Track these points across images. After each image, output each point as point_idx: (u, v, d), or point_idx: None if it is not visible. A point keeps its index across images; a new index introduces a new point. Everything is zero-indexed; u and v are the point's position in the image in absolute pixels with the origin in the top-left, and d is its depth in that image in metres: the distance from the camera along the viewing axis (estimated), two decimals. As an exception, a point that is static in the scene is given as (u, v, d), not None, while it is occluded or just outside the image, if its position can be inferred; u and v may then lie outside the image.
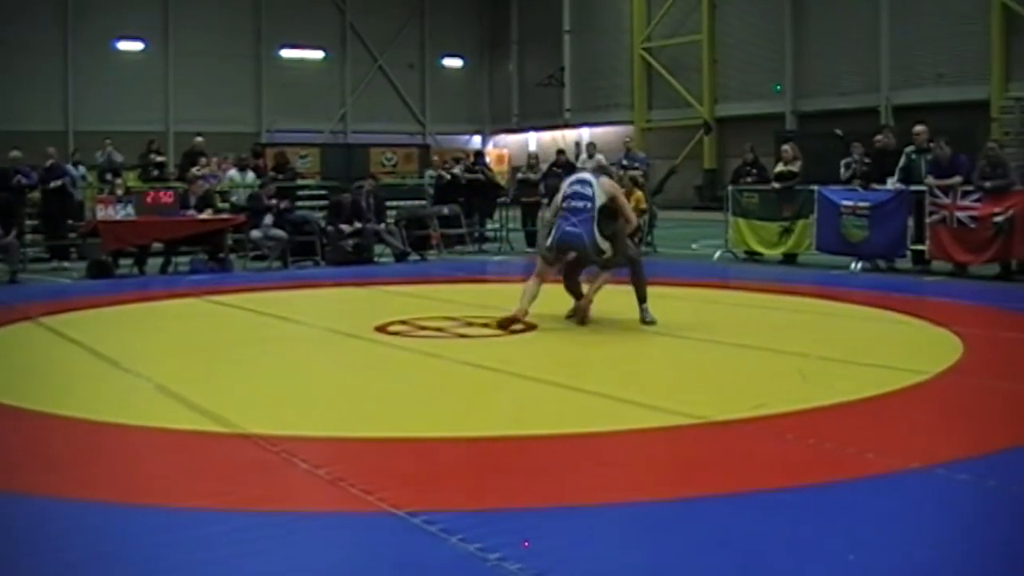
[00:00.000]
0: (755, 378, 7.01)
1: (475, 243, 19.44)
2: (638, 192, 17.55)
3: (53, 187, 16.98)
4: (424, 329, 9.10)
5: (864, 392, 6.31)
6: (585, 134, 35.56)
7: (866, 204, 14.24)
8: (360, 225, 16.11)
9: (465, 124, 45.33)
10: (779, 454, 5.11)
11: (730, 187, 16.91)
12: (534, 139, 42.69)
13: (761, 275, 13.83)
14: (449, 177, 19.67)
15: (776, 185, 15.93)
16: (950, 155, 13.56)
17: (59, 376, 7.46)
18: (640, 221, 17.15)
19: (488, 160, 23.20)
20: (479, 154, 23.35)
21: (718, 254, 16.68)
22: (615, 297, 9.50)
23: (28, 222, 16.99)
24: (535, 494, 4.53)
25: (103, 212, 14.84)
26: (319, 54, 41.65)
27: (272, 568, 3.71)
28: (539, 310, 9.06)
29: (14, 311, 10.58)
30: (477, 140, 45.12)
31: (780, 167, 16.11)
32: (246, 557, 3.77)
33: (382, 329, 9.09)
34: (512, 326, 8.87)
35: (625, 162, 18.58)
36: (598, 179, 9.19)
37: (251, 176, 18.76)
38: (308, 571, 3.70)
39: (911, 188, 13.87)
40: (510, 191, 21.48)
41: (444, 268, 15.82)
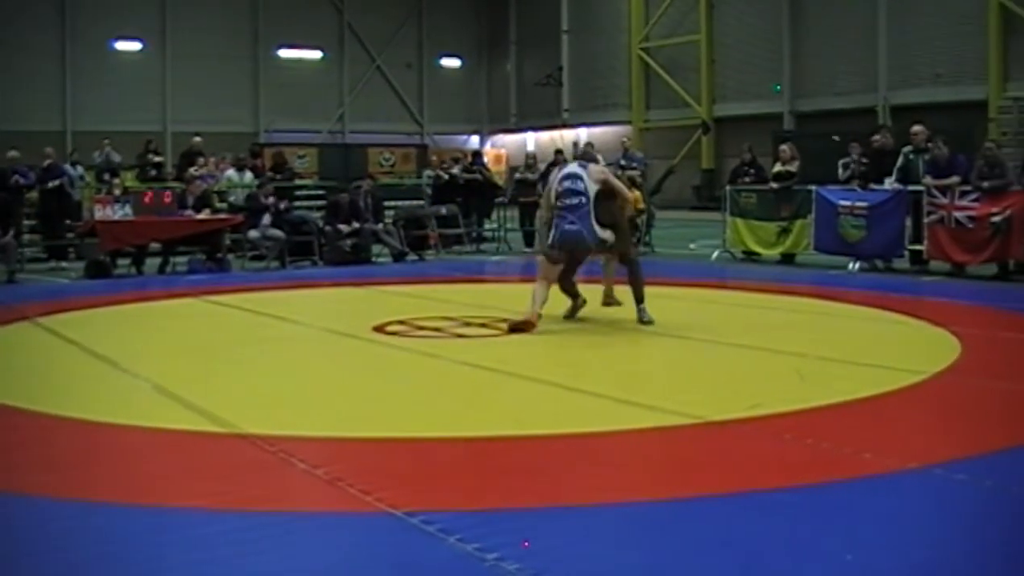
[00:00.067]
0: (753, 378, 7.01)
1: (473, 243, 19.45)
2: (636, 192, 17.56)
3: (51, 187, 16.97)
4: (422, 329, 9.10)
5: (862, 392, 6.30)
6: (583, 134, 35.57)
7: (864, 204, 14.25)
8: (358, 225, 16.11)
9: (463, 124, 45.34)
10: (776, 454, 5.11)
11: (728, 187, 16.92)
12: (532, 139, 42.69)
13: (759, 275, 13.84)
14: (447, 177, 19.67)
15: (774, 185, 15.94)
16: (948, 155, 13.57)
17: (57, 376, 7.45)
18: (638, 221, 17.26)
19: (486, 160, 23.20)
20: (477, 154, 23.36)
21: (716, 254, 16.68)
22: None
23: (26, 222, 16.98)
24: (533, 494, 4.53)
25: (101, 212, 14.84)
26: (317, 54, 41.65)
27: (271, 568, 3.71)
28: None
29: (12, 311, 10.57)
30: (475, 140, 45.12)
31: (778, 167, 16.12)
32: (245, 557, 3.77)
33: (380, 329, 9.09)
34: (523, 330, 8.77)
35: (623, 162, 18.58)
36: (586, 169, 9.13)
37: (249, 176, 18.75)
38: (306, 571, 3.70)
39: (909, 188, 13.88)
40: (508, 191, 21.50)
41: (442, 268, 15.82)
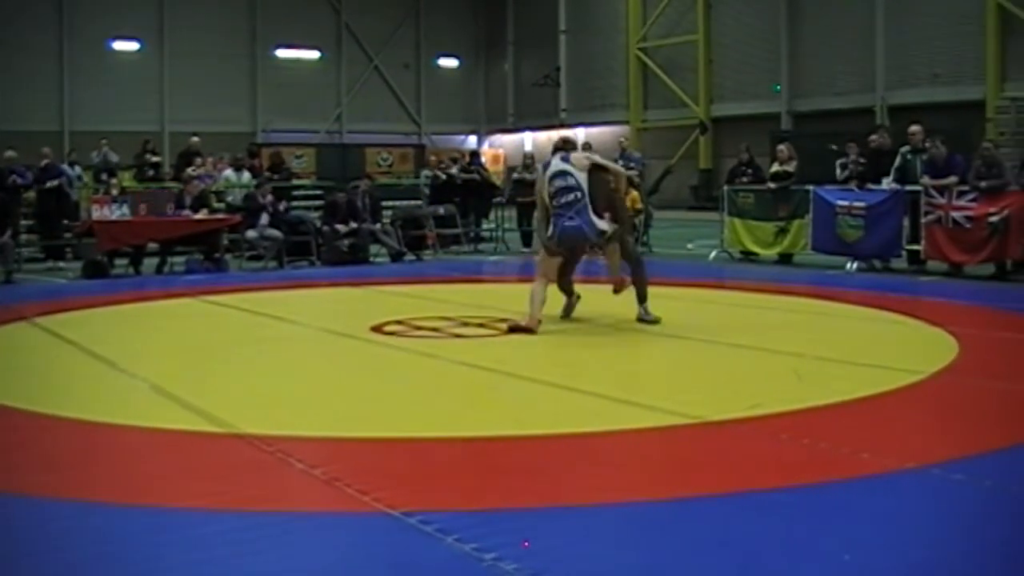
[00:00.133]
0: (750, 378, 7.02)
1: (471, 243, 19.45)
2: (634, 192, 17.59)
3: (50, 187, 16.95)
4: (420, 329, 9.10)
5: (859, 392, 6.30)
6: (581, 134, 35.55)
7: (861, 204, 14.25)
8: (356, 225, 16.10)
9: (461, 124, 45.33)
10: (774, 454, 5.11)
11: (726, 187, 16.91)
12: (530, 139, 42.68)
13: (757, 275, 13.84)
14: (445, 177, 19.66)
15: (772, 185, 15.93)
16: (946, 155, 13.56)
17: (55, 376, 7.45)
18: (636, 221, 17.27)
19: (484, 160, 23.19)
20: (475, 154, 23.35)
21: (714, 254, 16.69)
22: (611, 297, 9.50)
23: (23, 222, 16.97)
24: (531, 494, 4.53)
25: (98, 212, 14.84)
26: (315, 54, 41.64)
27: (269, 568, 3.71)
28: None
29: (9, 311, 10.56)
30: (473, 140, 45.11)
31: (776, 167, 16.13)
32: (243, 557, 3.77)
33: (378, 329, 9.08)
34: (519, 329, 8.74)
35: (621, 162, 18.57)
36: (569, 161, 9.01)
37: (247, 176, 18.75)
38: (305, 571, 3.70)
39: (906, 188, 13.89)
40: (506, 191, 21.46)
41: (440, 268, 15.82)
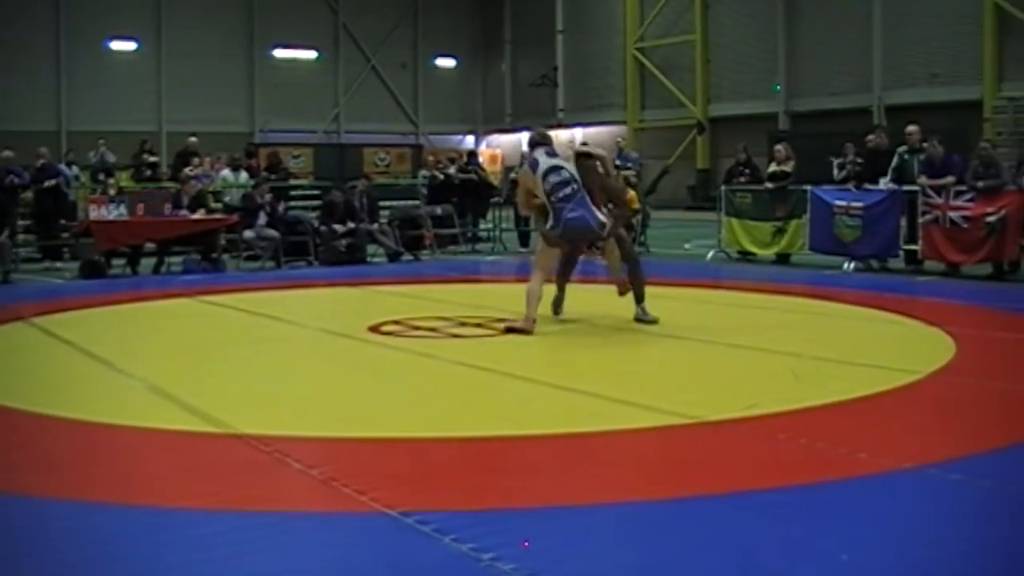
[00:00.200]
0: (748, 378, 7.02)
1: (468, 243, 19.45)
2: (631, 192, 17.59)
3: (47, 186, 16.96)
4: (417, 329, 9.10)
5: (857, 392, 6.31)
6: (578, 134, 35.54)
7: (859, 204, 14.25)
8: (353, 225, 16.10)
9: (458, 124, 45.31)
10: (772, 454, 5.12)
11: (723, 187, 16.92)
12: (527, 139, 42.60)
13: (754, 275, 13.85)
14: (442, 177, 19.66)
15: (769, 185, 15.94)
16: (943, 155, 13.57)
17: (52, 377, 7.43)
18: (634, 221, 17.27)
19: (481, 160, 23.19)
20: (472, 154, 23.33)
21: (711, 254, 16.69)
22: (608, 297, 9.50)
23: (21, 222, 16.96)
24: (529, 494, 4.53)
25: (96, 212, 14.82)
26: (312, 54, 41.62)
27: (268, 568, 3.71)
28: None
29: (7, 311, 10.55)
30: (470, 140, 45.08)
31: (773, 167, 16.13)
32: (242, 557, 3.78)
33: (375, 329, 9.08)
34: (517, 330, 8.71)
35: (618, 162, 18.56)
36: (557, 156, 9.00)
37: (244, 176, 18.73)
38: (304, 571, 3.70)
39: (904, 188, 13.90)
40: (503, 191, 21.44)
41: (437, 268, 15.82)
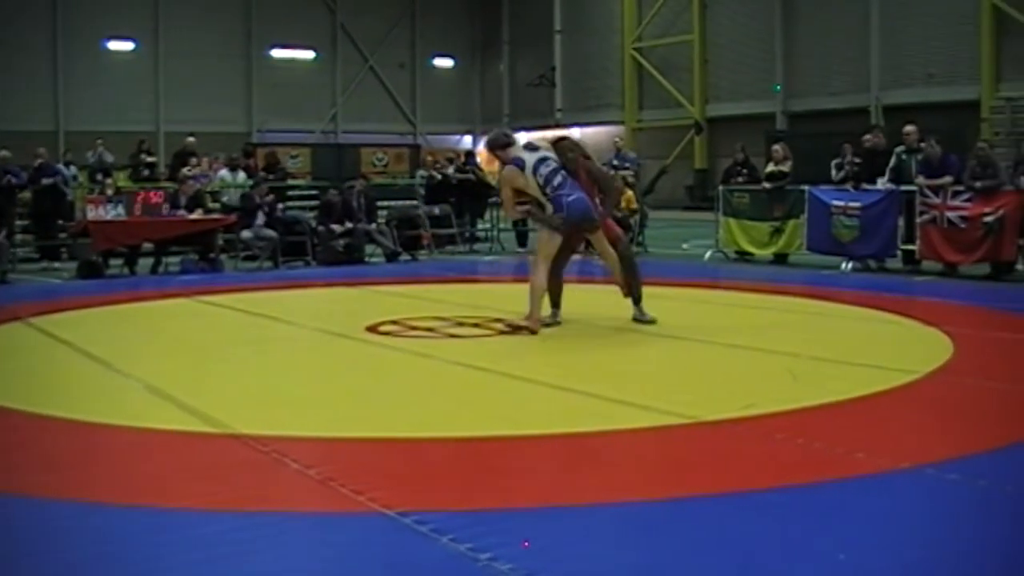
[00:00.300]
0: (745, 378, 7.02)
1: (466, 243, 19.45)
2: (629, 192, 17.61)
3: (45, 185, 16.95)
4: (415, 329, 9.10)
5: (854, 392, 6.31)
6: (576, 134, 35.54)
7: (857, 204, 14.26)
8: (351, 225, 16.09)
9: (456, 124, 45.30)
10: (769, 454, 5.12)
11: (721, 187, 16.91)
12: (525, 139, 42.60)
13: (752, 275, 13.85)
14: (440, 177, 19.65)
15: (767, 185, 15.95)
16: (940, 155, 13.58)
17: (50, 377, 7.43)
18: (631, 221, 17.29)
19: (479, 160, 23.15)
20: (470, 154, 23.31)
21: (709, 254, 16.69)
22: (606, 297, 9.51)
23: (18, 222, 16.96)
24: (526, 494, 4.53)
25: (93, 212, 14.82)
26: (310, 54, 41.62)
27: (267, 568, 3.72)
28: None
29: (4, 312, 10.54)
30: (468, 140, 45.06)
31: (771, 167, 16.13)
32: (242, 557, 3.78)
33: (373, 329, 9.08)
34: (523, 329, 8.69)
35: (616, 162, 18.59)
36: (536, 149, 9.01)
37: (242, 176, 18.72)
38: (302, 571, 3.71)
39: (901, 188, 13.90)
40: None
41: (435, 268, 15.82)
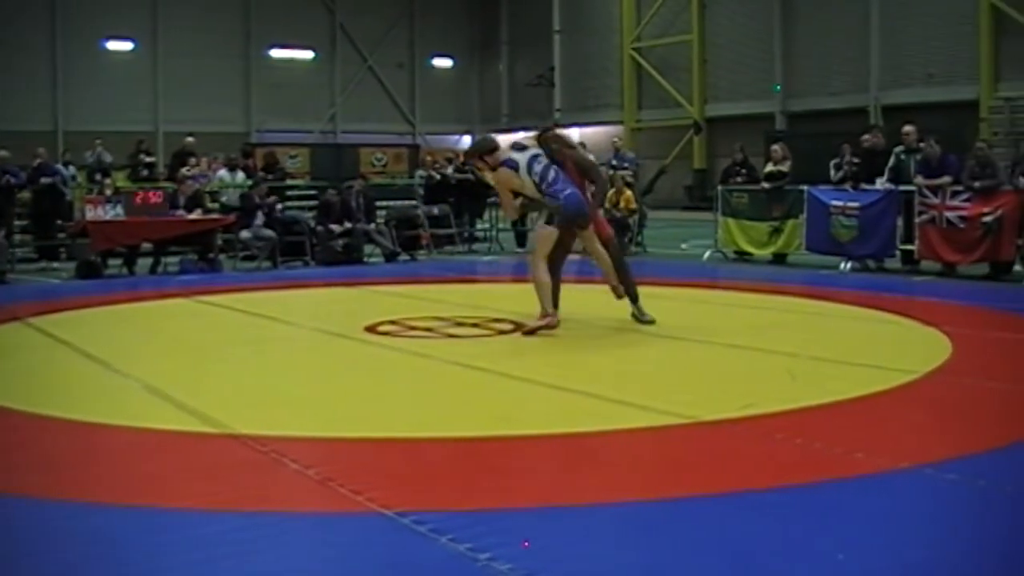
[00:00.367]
0: (744, 378, 7.02)
1: (465, 243, 19.44)
2: (627, 192, 17.61)
3: (44, 185, 16.94)
4: (414, 329, 9.10)
5: (853, 392, 6.31)
6: (575, 134, 35.52)
7: (855, 204, 14.26)
8: (350, 225, 16.09)
9: (455, 124, 45.31)
10: (768, 454, 5.12)
11: (720, 187, 16.91)
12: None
13: (751, 275, 13.85)
14: (439, 177, 19.64)
15: (766, 185, 15.95)
16: (939, 155, 13.58)
17: (49, 377, 7.42)
18: (630, 221, 17.29)
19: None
20: (469, 154, 23.31)
21: (708, 254, 16.69)
22: (605, 297, 9.49)
23: (17, 222, 16.95)
24: (525, 494, 4.53)
25: (92, 212, 14.81)
26: (309, 54, 41.61)
27: (268, 568, 3.72)
28: (528, 309, 9.05)
29: (3, 312, 10.53)
30: (467, 140, 45.04)
31: (770, 167, 16.13)
32: (242, 557, 3.78)
33: (372, 329, 9.08)
34: (542, 329, 8.65)
35: (614, 162, 18.61)
36: (524, 148, 8.98)
37: (241, 176, 18.71)
38: (301, 571, 3.71)
39: (900, 188, 13.90)
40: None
41: (434, 268, 15.82)
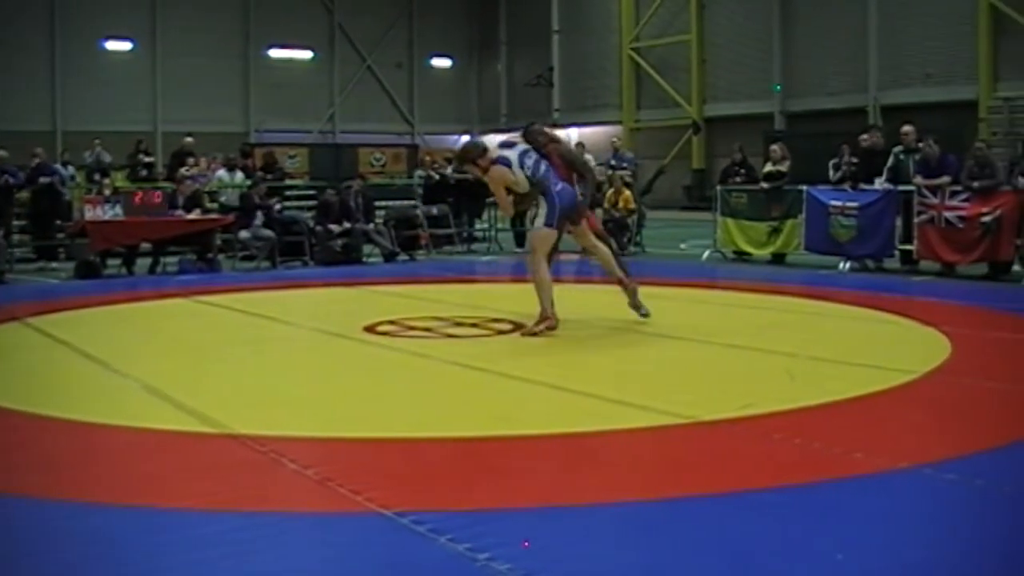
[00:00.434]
0: (743, 378, 7.02)
1: (464, 243, 19.44)
2: (626, 192, 17.62)
3: (42, 184, 16.94)
4: (413, 329, 9.10)
5: (852, 392, 6.31)
6: (574, 134, 35.53)
7: (854, 204, 14.26)
8: (349, 225, 16.09)
9: (454, 124, 45.28)
10: (767, 454, 5.12)
11: (719, 187, 16.92)
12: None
13: (750, 275, 13.85)
14: (438, 177, 19.64)
15: (764, 185, 15.95)
16: (938, 155, 13.59)
17: (48, 377, 7.42)
18: (629, 221, 17.30)
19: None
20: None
21: (707, 254, 16.69)
22: (604, 297, 9.50)
23: (16, 222, 16.95)
24: (524, 494, 4.53)
25: (91, 212, 14.80)
26: (307, 54, 41.60)
27: (267, 568, 3.72)
28: (528, 309, 9.05)
29: (2, 312, 10.52)
30: (466, 140, 45.05)
31: (768, 167, 16.14)
32: (241, 557, 3.78)
33: (371, 329, 9.07)
34: (543, 330, 8.65)
35: (613, 162, 18.62)
36: (513, 145, 9.00)
37: (240, 176, 18.72)
38: (301, 571, 3.71)
39: (899, 188, 13.91)
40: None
41: (433, 268, 15.81)
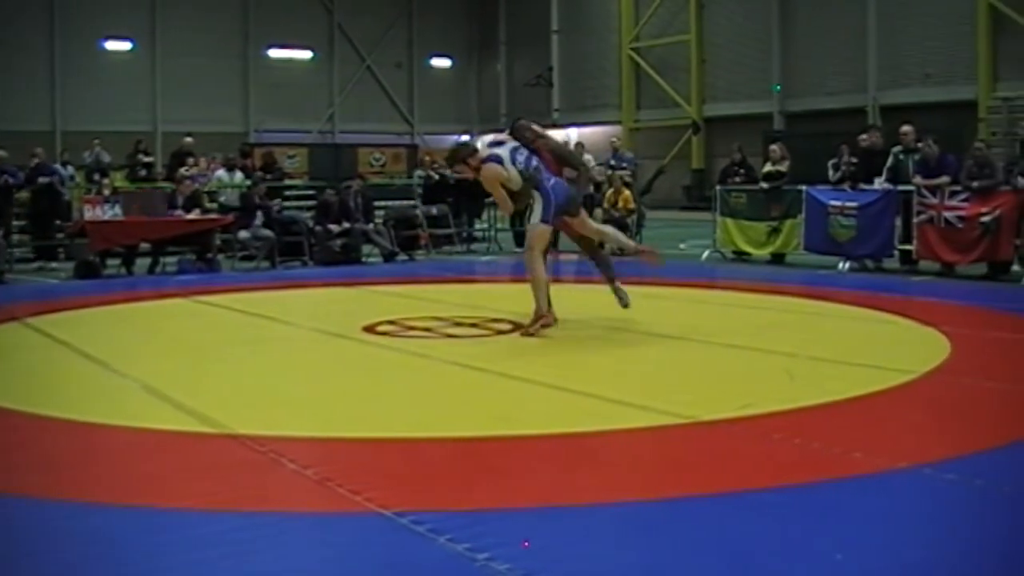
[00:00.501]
0: (743, 378, 7.02)
1: (463, 243, 19.43)
2: (626, 192, 17.62)
3: (42, 184, 16.93)
4: (412, 329, 9.10)
5: (851, 392, 6.31)
6: (573, 134, 35.54)
7: (854, 204, 14.27)
8: (348, 225, 16.09)
9: (453, 124, 45.24)
10: (767, 454, 5.12)
11: (718, 187, 16.92)
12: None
13: (749, 275, 13.84)
14: (438, 177, 19.64)
15: (764, 185, 15.95)
16: (938, 155, 13.59)
17: (48, 377, 7.42)
18: (628, 221, 17.29)
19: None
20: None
21: (706, 254, 16.69)
22: (603, 297, 9.50)
23: (15, 222, 16.94)
24: (523, 494, 4.53)
25: (91, 212, 14.80)
26: (307, 54, 41.59)
27: (267, 568, 3.72)
28: (528, 309, 9.03)
29: (1, 312, 10.52)
30: (465, 140, 45.04)
31: (768, 167, 16.14)
32: (241, 557, 3.78)
33: (370, 329, 9.08)
34: (540, 329, 8.64)
35: (613, 162, 18.61)
36: (504, 142, 9.05)
37: (239, 176, 18.72)
38: (300, 571, 3.71)
39: (898, 188, 13.91)
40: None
41: (432, 268, 15.81)
